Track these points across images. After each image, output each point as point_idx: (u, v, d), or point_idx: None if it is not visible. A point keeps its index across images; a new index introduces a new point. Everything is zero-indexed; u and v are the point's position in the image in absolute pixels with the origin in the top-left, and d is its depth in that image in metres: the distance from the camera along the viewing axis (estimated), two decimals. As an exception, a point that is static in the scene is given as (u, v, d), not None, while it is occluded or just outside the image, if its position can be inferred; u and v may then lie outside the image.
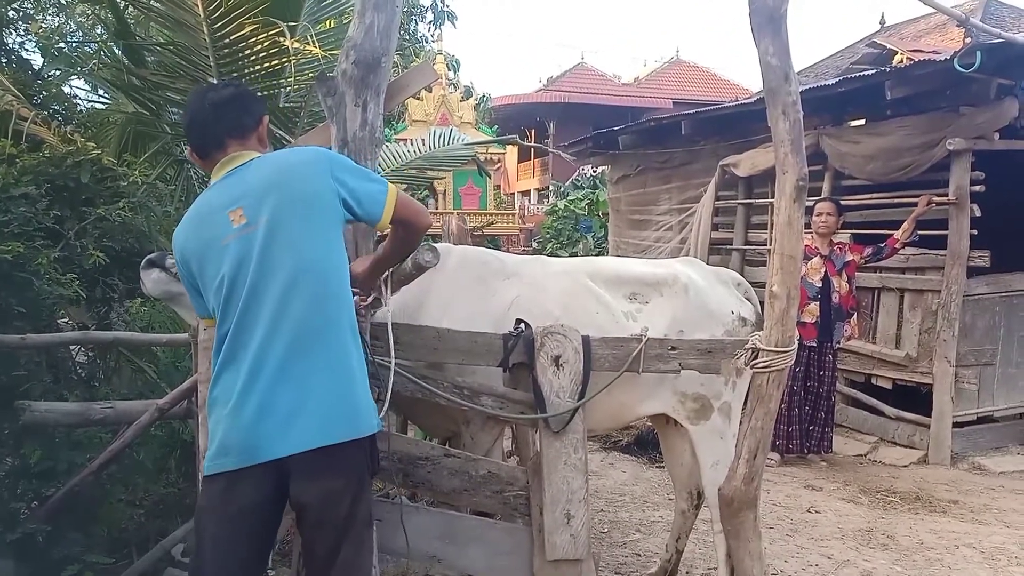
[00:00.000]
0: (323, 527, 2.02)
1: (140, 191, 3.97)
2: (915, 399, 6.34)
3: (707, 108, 8.92)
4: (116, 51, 5.20)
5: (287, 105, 5.08)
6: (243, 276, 1.99)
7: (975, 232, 5.94)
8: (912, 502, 5.12)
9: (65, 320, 4.10)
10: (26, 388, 3.14)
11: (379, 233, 2.74)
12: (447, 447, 2.98)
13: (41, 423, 2.91)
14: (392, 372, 2.57)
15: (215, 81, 4.44)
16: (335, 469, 2.00)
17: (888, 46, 12.21)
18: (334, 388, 2.02)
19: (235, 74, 4.59)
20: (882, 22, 15.22)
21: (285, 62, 4.68)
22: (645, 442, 6.03)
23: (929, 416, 6.11)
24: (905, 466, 5.97)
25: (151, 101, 4.82)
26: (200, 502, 2.08)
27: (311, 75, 4.68)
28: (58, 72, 6.89)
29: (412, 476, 2.81)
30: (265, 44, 4.60)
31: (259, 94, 4.60)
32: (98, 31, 7.81)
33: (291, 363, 1.97)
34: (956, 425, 6.10)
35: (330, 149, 2.68)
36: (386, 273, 2.61)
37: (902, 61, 9.77)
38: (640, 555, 4.09)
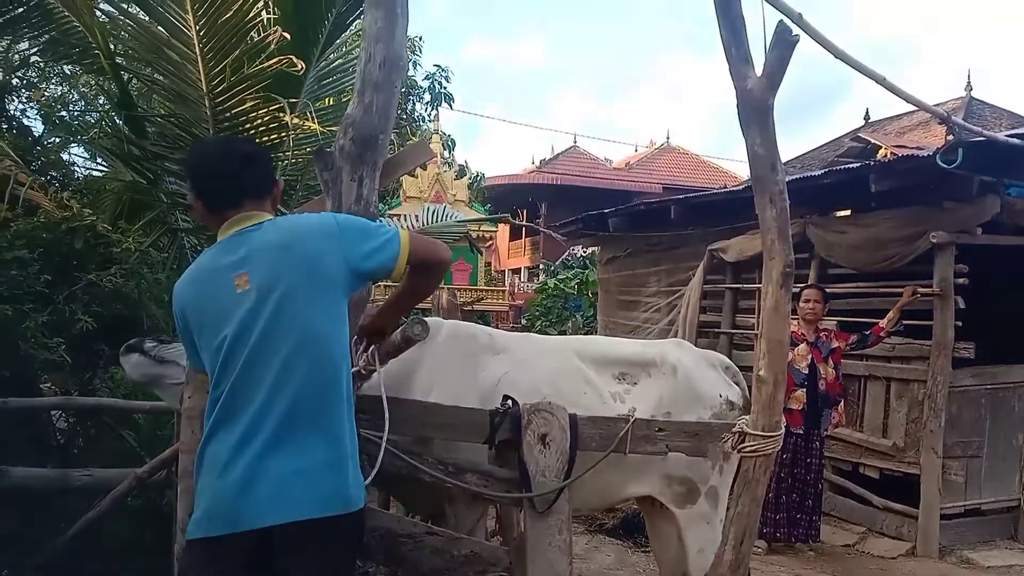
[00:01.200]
0: None
1: (133, 258, 3.99)
2: (903, 489, 6.29)
3: (696, 194, 9.09)
4: (117, 121, 5.30)
5: (284, 178, 5.16)
6: (243, 342, 1.96)
7: (960, 324, 6.00)
8: (901, 596, 5.03)
9: (48, 385, 4.06)
10: (5, 453, 3.09)
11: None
12: (430, 525, 2.93)
13: (19, 488, 2.86)
14: (383, 447, 2.54)
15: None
16: (321, 543, 1.96)
17: (872, 141, 12.55)
18: (326, 461, 1.99)
19: (235, 147, 4.67)
20: (866, 118, 15.69)
21: (284, 136, 4.77)
22: (631, 525, 5.93)
23: (917, 507, 6.05)
24: (894, 558, 5.88)
25: (149, 171, 4.88)
26: (182, 566, 2.05)
27: (309, 150, 4.77)
28: (58, 139, 6.99)
29: (393, 553, 2.75)
30: (265, 119, 4.70)
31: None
32: (100, 101, 7.95)
33: (286, 432, 1.94)
34: (944, 517, 6.04)
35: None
36: (376, 342, 2.60)
37: (886, 155, 10.03)
38: (623, 644, 3.99)
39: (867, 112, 15.74)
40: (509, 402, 2.85)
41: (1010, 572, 5.66)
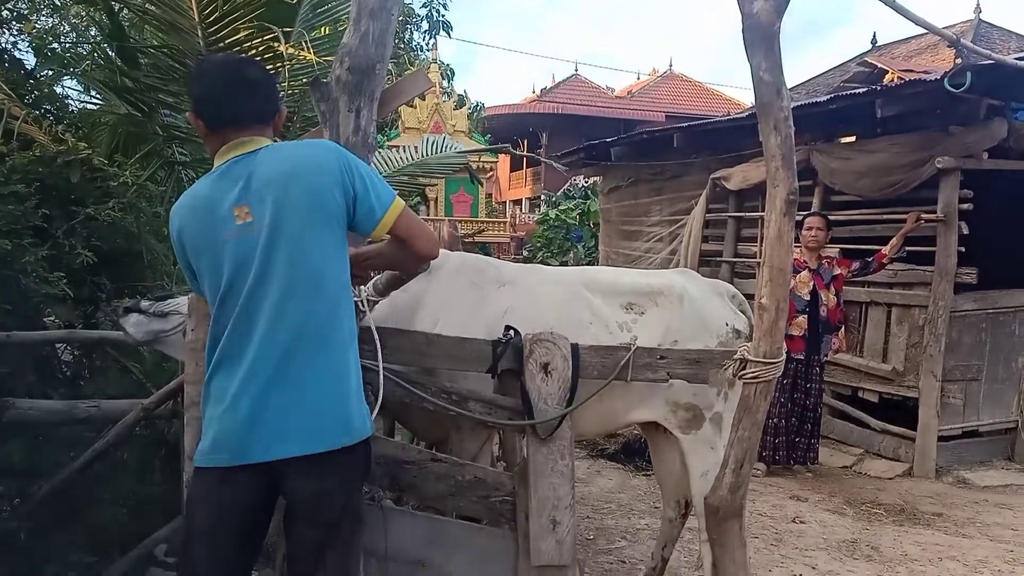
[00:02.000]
0: (313, 525, 2.02)
1: (130, 192, 3.96)
2: (901, 412, 6.38)
3: (700, 122, 8.97)
4: (110, 53, 5.19)
5: (280, 110, 5.08)
6: (243, 277, 1.95)
7: (962, 249, 5.99)
8: (897, 514, 5.14)
9: (51, 319, 4.08)
10: (10, 386, 3.12)
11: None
12: (434, 451, 2.98)
13: (25, 421, 2.90)
14: (381, 376, 2.57)
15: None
16: (328, 472, 1.99)
17: (879, 65, 12.34)
18: (330, 393, 2.01)
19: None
20: (874, 42, 15.38)
21: (279, 67, 4.68)
22: (632, 450, 6.04)
23: (915, 430, 6.15)
24: (890, 479, 6.00)
25: (143, 103, 4.81)
26: (191, 493, 2.07)
27: (305, 81, 4.68)
28: (51, 72, 6.85)
29: (398, 480, 2.80)
30: (259, 49, 4.61)
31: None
32: (92, 33, 7.78)
33: (288, 367, 1.95)
34: (941, 439, 6.14)
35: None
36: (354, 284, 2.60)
37: (893, 80, 9.87)
38: (625, 562, 4.09)
39: (874, 36, 15.46)
40: (511, 332, 2.87)
41: (1006, 492, 5.78)
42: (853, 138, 6.86)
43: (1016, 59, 5.62)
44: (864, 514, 5.14)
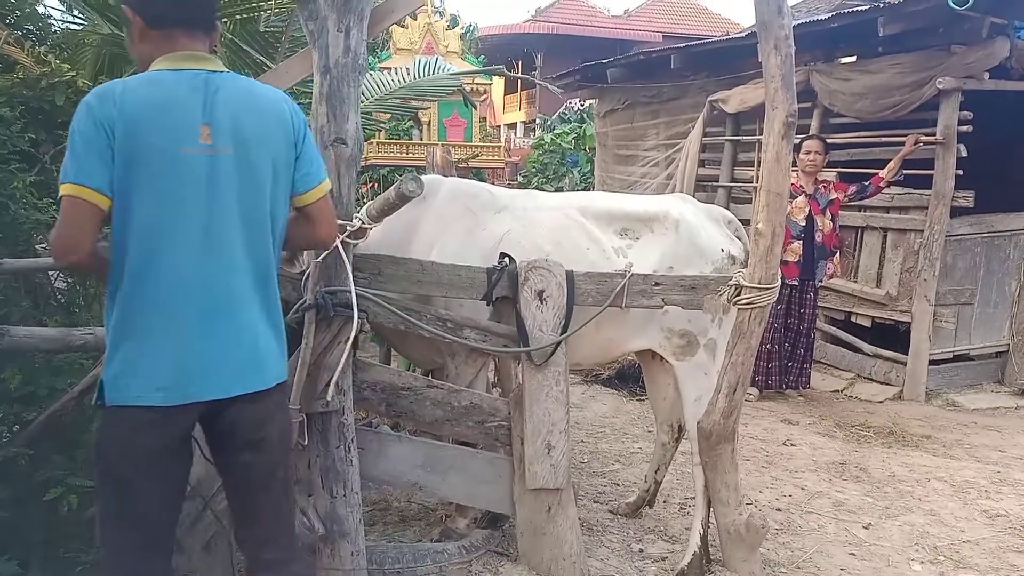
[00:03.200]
0: (259, 448, 2.00)
1: (117, 115, 3.86)
2: (893, 337, 6.44)
3: (697, 42, 8.78)
4: (91, -31, 5.01)
5: (267, 29, 4.93)
6: (197, 202, 1.85)
7: (960, 172, 5.94)
8: (886, 437, 5.23)
9: (43, 246, 4.04)
10: (4, 313, 3.11)
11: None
12: (430, 378, 3.00)
13: (20, 348, 2.89)
14: (354, 297, 2.56)
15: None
16: (268, 404, 2.00)
17: (882, -19, 12.02)
18: (273, 333, 2.01)
19: (214, -5, 4.45)
20: (877, -44, 14.95)
21: (266, -17, 4.53)
22: (626, 376, 6.10)
23: (906, 354, 6.21)
24: (880, 402, 6.09)
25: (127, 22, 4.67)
26: (112, 433, 1.88)
27: (293, -2, 4.54)
28: (31, -10, 6.65)
29: (394, 406, 2.83)
30: (246, -37, 4.45)
31: (239, 16, 4.47)
32: (72, -52, 7.52)
33: (230, 306, 1.91)
34: (932, 363, 6.22)
35: (311, 76, 2.62)
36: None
37: (896, -3, 9.62)
38: (619, 485, 4.17)
39: (878, -49, 15.00)
40: (507, 259, 2.86)
41: (994, 414, 5.87)
42: (854, 58, 6.73)
43: (1023, -24, 5.49)
44: (853, 437, 5.23)
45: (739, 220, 3.50)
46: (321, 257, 2.53)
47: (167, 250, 1.83)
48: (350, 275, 2.57)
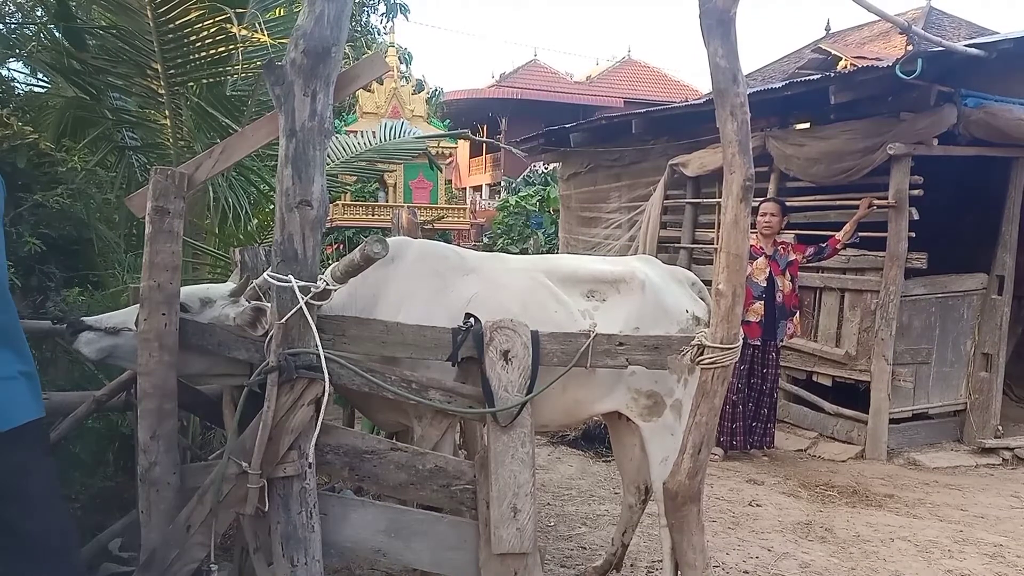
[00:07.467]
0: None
1: (79, 177, 3.85)
2: (854, 396, 6.51)
3: (657, 108, 9.02)
4: (56, 34, 5.02)
5: (234, 93, 4.97)
6: None
7: (913, 235, 6.11)
8: (849, 496, 5.25)
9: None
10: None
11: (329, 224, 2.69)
12: (394, 441, 2.96)
13: None
14: (323, 360, 2.54)
15: (158, 67, 4.33)
16: (26, 448, 2.06)
17: (833, 52, 12.51)
18: (24, 371, 2.14)
19: (180, 60, 4.48)
20: (827, 28, 15.55)
21: (232, 49, 4.56)
22: (592, 436, 6.08)
23: (867, 412, 6.28)
24: (843, 461, 6.13)
25: (92, 86, 4.66)
26: None
27: (259, 64, 4.58)
28: (-5, 54, 6.64)
29: (358, 470, 2.78)
30: (212, 30, 4.48)
31: (205, 81, 4.50)
32: (38, 13, 7.55)
33: None
34: (892, 421, 6.29)
35: (278, 138, 2.64)
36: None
37: (846, 67, 10.01)
38: (586, 548, 4.12)
39: (828, 23, 15.61)
40: (472, 320, 2.86)
41: (955, 473, 5.93)
42: (808, 125, 6.95)
43: (966, 46, 5.74)
44: (818, 496, 5.24)
45: (701, 281, 3.55)
46: (284, 319, 2.51)
47: None
48: (316, 336, 2.55)
